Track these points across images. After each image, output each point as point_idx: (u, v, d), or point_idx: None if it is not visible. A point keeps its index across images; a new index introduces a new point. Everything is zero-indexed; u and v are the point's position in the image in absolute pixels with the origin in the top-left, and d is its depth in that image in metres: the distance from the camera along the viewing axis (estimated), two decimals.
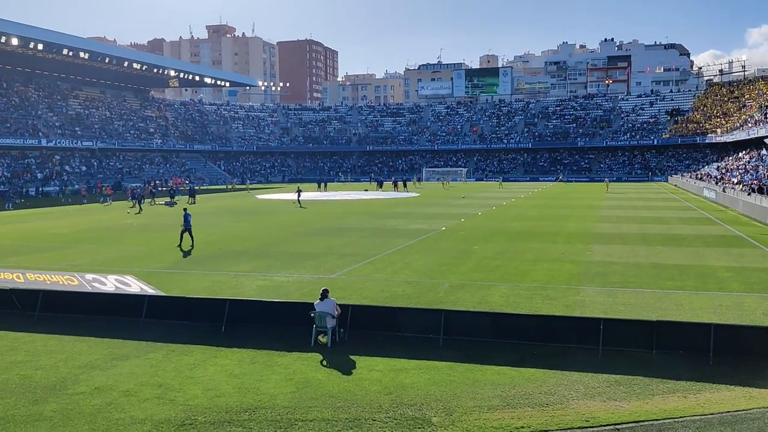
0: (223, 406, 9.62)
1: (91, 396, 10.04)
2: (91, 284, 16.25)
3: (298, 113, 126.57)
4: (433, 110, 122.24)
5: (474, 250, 24.70)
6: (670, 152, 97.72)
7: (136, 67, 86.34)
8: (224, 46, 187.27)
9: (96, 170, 78.50)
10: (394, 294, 17.00)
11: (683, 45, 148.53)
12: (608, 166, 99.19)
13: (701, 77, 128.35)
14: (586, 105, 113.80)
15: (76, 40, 75.25)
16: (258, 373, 11.11)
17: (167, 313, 14.47)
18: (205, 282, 18.83)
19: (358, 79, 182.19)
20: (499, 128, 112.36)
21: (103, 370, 11.27)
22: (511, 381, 10.68)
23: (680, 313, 14.81)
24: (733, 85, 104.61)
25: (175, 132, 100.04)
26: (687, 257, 22.88)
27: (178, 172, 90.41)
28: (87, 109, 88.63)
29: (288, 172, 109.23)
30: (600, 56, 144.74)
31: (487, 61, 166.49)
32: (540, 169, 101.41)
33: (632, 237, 28.54)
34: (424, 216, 39.18)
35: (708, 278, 19.02)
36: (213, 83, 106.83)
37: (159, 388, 10.36)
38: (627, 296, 16.62)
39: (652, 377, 10.78)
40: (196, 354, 12.16)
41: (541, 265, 21.28)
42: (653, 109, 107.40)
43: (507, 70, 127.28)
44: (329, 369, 11.31)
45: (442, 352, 12.13)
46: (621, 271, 20.11)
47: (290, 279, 19.29)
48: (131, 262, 22.35)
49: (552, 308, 15.24)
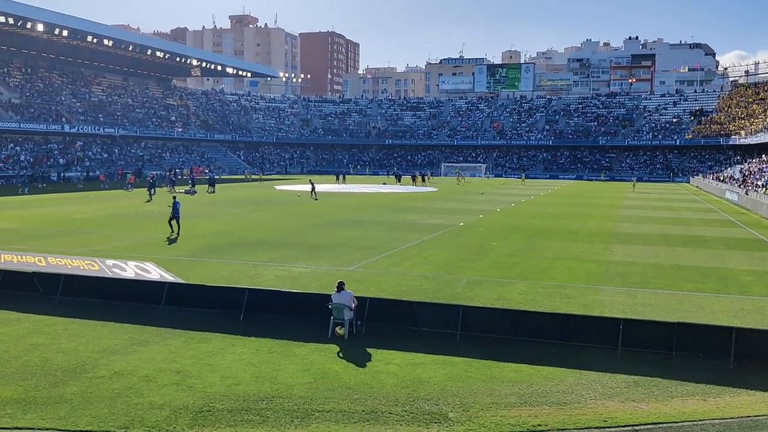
0: (241, 394, 9.67)
1: (111, 380, 10.14)
2: (111, 270, 16.43)
3: (318, 105, 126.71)
4: (454, 105, 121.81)
5: (492, 247, 24.61)
6: (693, 153, 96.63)
7: (159, 56, 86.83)
8: (246, 37, 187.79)
9: (117, 157, 79.14)
10: (411, 288, 16.99)
11: (708, 45, 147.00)
12: (629, 165, 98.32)
13: (726, 78, 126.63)
14: (609, 103, 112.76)
15: (101, 27, 75.81)
16: (275, 362, 11.16)
17: (186, 300, 14.57)
18: (223, 271, 18.93)
19: (379, 72, 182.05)
20: (519, 124, 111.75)
21: (122, 355, 11.38)
22: (529, 379, 10.63)
23: (700, 315, 14.66)
24: (758, 86, 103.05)
25: (196, 121, 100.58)
26: (708, 259, 22.63)
27: (199, 161, 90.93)
28: (110, 96, 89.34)
29: (307, 163, 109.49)
30: (624, 54, 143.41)
31: (509, 57, 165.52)
32: (560, 167, 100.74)
33: (653, 237, 28.28)
34: (442, 211, 39.10)
35: (729, 281, 18.81)
36: (235, 73, 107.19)
37: (177, 375, 10.44)
38: (647, 297, 16.48)
39: (671, 379, 10.69)
40: (215, 342, 12.24)
41: (561, 264, 21.16)
42: (677, 109, 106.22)
43: (529, 66, 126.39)
44: (346, 361, 11.34)
45: (459, 348, 12.11)
46: (641, 272, 19.94)
47: (308, 270, 19.34)
48: (151, 249, 22.52)
49: (571, 307, 15.15)
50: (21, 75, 79.57)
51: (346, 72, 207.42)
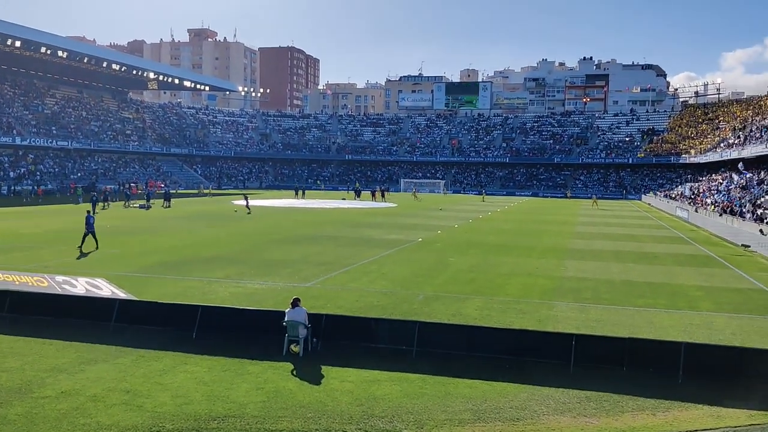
0: (192, 414, 9.49)
1: (57, 400, 9.85)
2: (61, 286, 15.99)
3: (277, 120, 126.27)
4: (413, 122, 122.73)
5: (450, 263, 24.76)
6: (645, 171, 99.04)
7: (115, 68, 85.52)
8: (205, 50, 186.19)
9: (70, 171, 77.45)
10: (368, 304, 16.96)
11: (660, 66, 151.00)
12: (583, 183, 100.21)
13: (677, 98, 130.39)
14: (564, 122, 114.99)
15: (55, 38, 74.38)
16: (228, 381, 10.99)
17: (138, 317, 14.26)
18: (177, 287, 18.62)
19: (339, 87, 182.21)
20: (477, 142, 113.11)
21: (70, 374, 11.07)
22: (483, 395, 10.69)
23: (651, 330, 14.96)
24: (707, 107, 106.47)
25: (152, 134, 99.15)
26: (659, 275, 23.15)
27: (154, 175, 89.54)
28: (63, 108, 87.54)
29: (265, 178, 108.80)
30: (578, 74, 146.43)
31: (467, 75, 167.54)
32: (516, 184, 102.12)
33: (605, 254, 28.82)
34: (401, 227, 39.21)
35: (679, 297, 19.25)
36: (192, 87, 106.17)
37: (127, 394, 10.20)
38: (599, 312, 16.76)
39: (622, 394, 10.86)
40: (166, 360, 12.01)
41: (516, 279, 21.40)
42: (629, 128, 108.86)
43: (487, 84, 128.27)
44: (300, 379, 11.23)
45: (415, 364, 12.11)
46: (594, 288, 20.28)
47: (264, 287, 19.16)
48: (103, 265, 22.04)
49: (525, 323, 15.30)
50: None
51: (306, 87, 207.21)
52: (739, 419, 10.00)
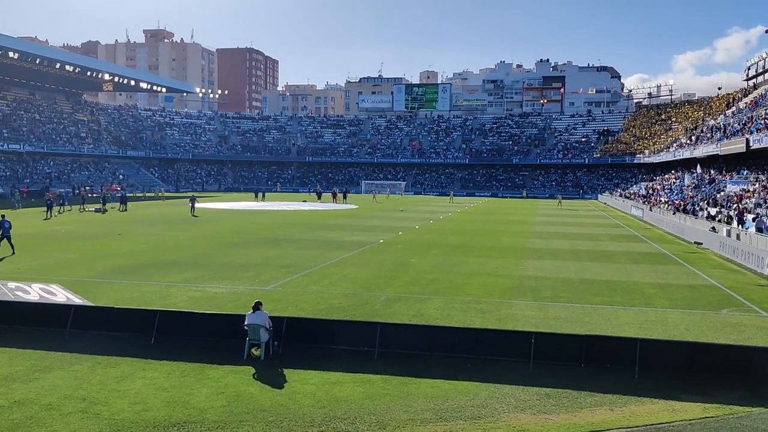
0: (151, 421, 9.35)
1: (10, 410, 9.60)
2: (13, 293, 15.60)
3: (236, 121, 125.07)
4: (374, 123, 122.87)
5: (411, 263, 24.86)
6: (601, 171, 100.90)
7: (69, 69, 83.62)
8: (162, 51, 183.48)
9: (22, 174, 75.51)
10: (330, 306, 16.93)
11: (615, 68, 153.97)
12: (541, 183, 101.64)
13: (631, 99, 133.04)
14: (522, 123, 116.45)
15: (6, 39, 72.27)
16: (188, 386, 10.86)
17: (94, 323, 13.98)
18: (134, 292, 18.31)
19: (299, 89, 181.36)
20: (437, 143, 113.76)
21: (23, 383, 10.80)
22: (444, 394, 10.76)
23: (608, 327, 15.25)
24: (660, 108, 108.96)
25: (107, 137, 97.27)
26: (615, 273, 23.60)
27: (110, 178, 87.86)
28: (15, 110, 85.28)
29: (224, 180, 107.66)
30: (536, 76, 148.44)
31: (427, 77, 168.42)
32: (476, 185, 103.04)
33: (563, 253, 29.27)
34: (362, 228, 39.22)
35: (634, 294, 19.66)
36: (149, 88, 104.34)
37: (83, 402, 10.00)
38: (557, 311, 17.02)
39: (580, 390, 11.05)
40: (124, 366, 11.80)
41: (476, 279, 21.59)
42: (585, 129, 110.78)
43: (446, 86, 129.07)
44: (262, 382, 11.15)
45: (377, 365, 12.13)
46: (552, 286, 20.59)
47: (224, 290, 18.97)
48: (58, 271, 21.55)
49: (485, 322, 15.46)
50: None
51: (264, 88, 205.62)
52: (694, 412, 10.26)
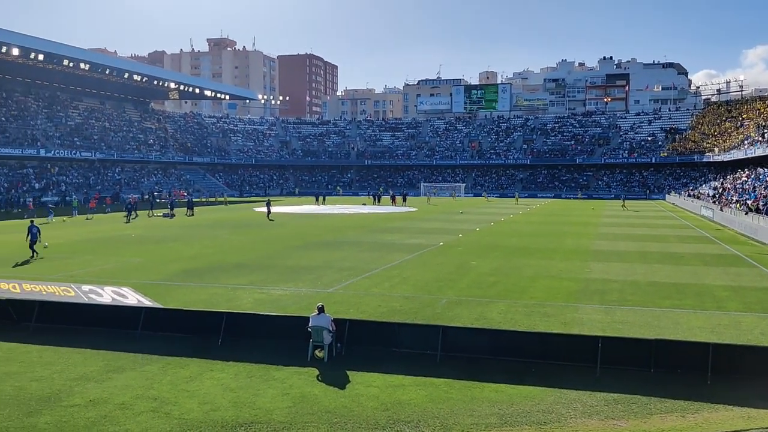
0: (219, 421, 9.55)
1: (86, 408, 9.97)
2: (87, 295, 16.18)
3: (297, 127, 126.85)
4: (432, 125, 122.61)
5: (472, 266, 24.67)
6: (668, 170, 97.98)
7: (137, 79, 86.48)
8: (225, 59, 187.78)
9: (94, 181, 78.43)
10: (391, 309, 16.95)
11: (681, 64, 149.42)
12: (606, 183, 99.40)
13: (699, 96, 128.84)
14: (585, 122, 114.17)
15: (77, 51, 75.38)
16: (254, 387, 11.05)
17: (164, 325, 14.40)
18: (202, 294, 18.77)
19: (358, 93, 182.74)
20: (497, 144, 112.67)
21: (98, 383, 11.20)
22: (509, 399, 10.63)
23: (678, 332, 14.78)
24: (730, 104, 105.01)
25: (174, 144, 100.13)
26: (685, 276, 22.87)
27: (177, 184, 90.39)
28: (86, 120, 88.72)
29: (286, 185, 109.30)
30: (599, 74, 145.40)
31: (486, 78, 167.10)
32: (538, 186, 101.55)
33: (630, 255, 28.53)
34: (421, 231, 39.16)
35: (706, 297, 19.01)
36: (213, 96, 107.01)
37: (154, 402, 10.29)
38: (625, 314, 16.60)
39: (650, 396, 10.74)
40: (192, 367, 12.10)
41: (540, 282, 21.26)
42: (651, 128, 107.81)
43: (506, 86, 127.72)
44: (326, 384, 11.25)
45: (439, 369, 12.07)
46: (619, 289, 20.09)
47: (287, 292, 19.23)
48: (128, 274, 22.28)
49: (550, 325, 15.20)
50: None
51: (324, 94, 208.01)
52: None
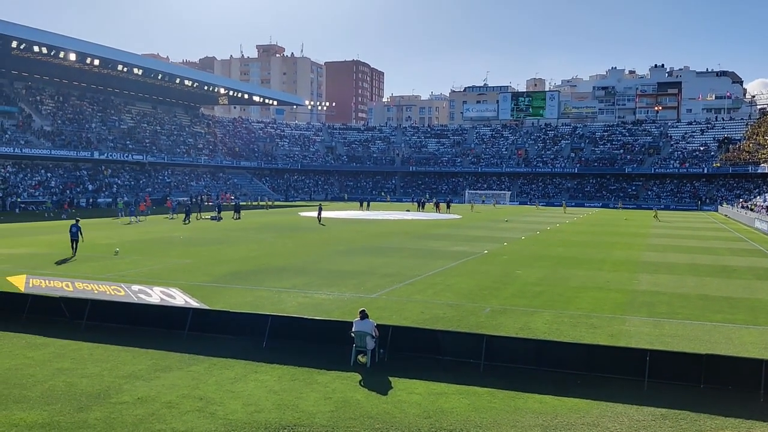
0: (263, 422, 9.64)
1: (134, 406, 10.18)
2: (137, 295, 16.55)
3: (342, 132, 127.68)
4: (478, 132, 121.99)
5: (517, 275, 24.42)
6: (721, 181, 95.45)
7: (188, 84, 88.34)
8: (273, 66, 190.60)
9: (144, 184, 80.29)
10: (434, 316, 16.89)
11: (736, 72, 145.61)
12: (656, 193, 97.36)
13: (754, 105, 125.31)
14: (635, 131, 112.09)
15: (131, 56, 77.41)
16: (297, 390, 11.12)
17: (210, 326, 14.63)
18: (247, 297, 19.01)
19: (404, 100, 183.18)
20: (544, 152, 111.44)
21: (146, 381, 11.43)
22: (554, 410, 10.47)
23: (730, 347, 14.37)
24: None
25: (222, 148, 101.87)
26: (737, 290, 22.22)
27: (225, 187, 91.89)
28: (138, 123, 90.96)
29: (331, 190, 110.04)
30: (649, 82, 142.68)
31: (533, 85, 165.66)
32: (586, 195, 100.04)
33: (680, 267, 27.87)
34: (465, 238, 38.95)
35: (759, 312, 18.43)
36: (261, 102, 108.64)
37: (200, 401, 10.45)
38: (674, 328, 16.21)
39: (699, 412, 10.45)
40: (237, 368, 12.25)
41: (586, 293, 20.92)
42: (704, 137, 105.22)
43: (554, 93, 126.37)
44: (368, 389, 11.26)
45: (482, 378, 11.97)
46: (668, 302, 19.63)
47: (331, 297, 19.34)
48: (176, 275, 22.71)
49: (596, 337, 14.94)
50: (53, 103, 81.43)
51: (370, 100, 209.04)
52: None
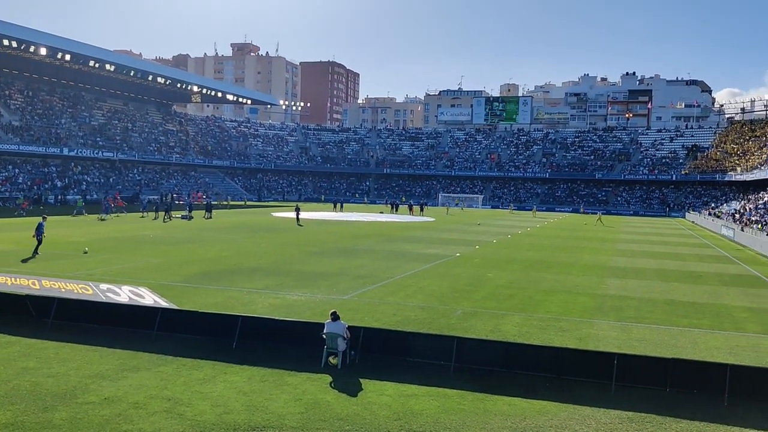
0: (231, 424, 9.58)
1: (101, 406, 10.04)
2: (105, 294, 16.34)
3: (317, 133, 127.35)
4: (452, 136, 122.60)
5: (488, 278, 24.59)
6: (689, 188, 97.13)
7: (160, 81, 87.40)
8: (248, 64, 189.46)
9: (115, 181, 79.23)
10: (406, 318, 16.93)
11: (705, 82, 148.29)
12: (625, 199, 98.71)
13: (722, 114, 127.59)
14: (606, 138, 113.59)
15: (103, 52, 76.38)
16: (267, 391, 11.07)
17: (180, 326, 14.49)
18: (218, 297, 18.87)
19: (379, 102, 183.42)
20: (517, 157, 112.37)
21: (113, 381, 11.28)
22: (522, 413, 10.56)
23: (695, 351, 14.63)
24: (754, 123, 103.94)
25: (194, 147, 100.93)
26: (703, 295, 22.63)
27: (196, 186, 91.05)
28: (109, 120, 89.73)
29: (304, 191, 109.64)
30: (621, 89, 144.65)
31: (507, 90, 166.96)
32: (557, 200, 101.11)
33: (648, 272, 28.30)
34: (438, 241, 39.11)
35: (724, 317, 18.79)
36: (235, 100, 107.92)
37: (168, 402, 10.35)
38: (641, 332, 16.45)
39: (665, 415, 10.62)
40: (207, 369, 12.15)
41: (556, 296, 21.14)
42: (673, 145, 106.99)
43: (527, 99, 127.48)
44: (339, 391, 11.25)
45: (452, 380, 12.03)
46: (636, 306, 19.92)
47: (302, 298, 19.28)
48: (146, 274, 22.46)
49: (565, 340, 15.11)
50: (22, 98, 79.95)
51: (345, 101, 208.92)
52: None
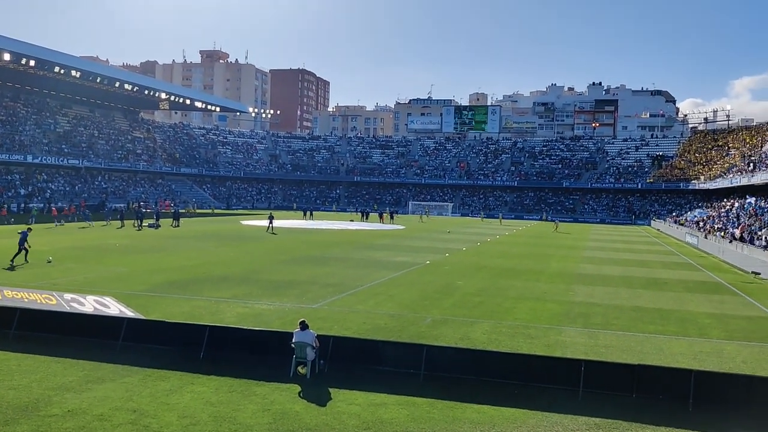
0: None
1: (64, 419, 9.83)
2: (69, 304, 16.01)
3: (287, 141, 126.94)
4: (422, 144, 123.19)
5: (458, 286, 24.68)
6: (654, 197, 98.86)
7: (127, 88, 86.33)
8: (217, 72, 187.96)
9: (81, 189, 77.94)
10: (376, 326, 16.90)
11: (669, 92, 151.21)
12: (592, 207, 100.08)
13: (686, 124, 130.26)
14: (573, 147, 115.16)
15: (68, 58, 75.16)
16: (235, 402, 10.95)
17: (145, 336, 14.24)
18: (185, 307, 18.63)
19: (349, 110, 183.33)
20: (486, 165, 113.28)
21: (77, 393, 11.05)
22: (491, 420, 10.59)
23: (661, 357, 14.83)
24: (717, 133, 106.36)
25: (162, 154, 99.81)
26: (668, 302, 22.99)
27: (163, 194, 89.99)
28: (75, 127, 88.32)
29: (274, 199, 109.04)
30: (587, 99, 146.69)
31: (476, 99, 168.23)
32: (525, 208, 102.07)
33: (615, 279, 28.67)
34: (408, 249, 39.16)
35: (689, 324, 19.10)
36: (203, 107, 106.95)
37: (133, 414, 10.17)
38: (608, 338, 16.64)
39: (631, 421, 10.74)
40: (173, 380, 11.98)
41: (524, 304, 21.29)
42: (638, 154, 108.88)
43: (496, 108, 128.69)
44: (307, 401, 11.17)
45: (422, 388, 12.02)
46: (603, 313, 20.16)
47: (271, 307, 19.13)
48: (111, 283, 22.09)
49: (533, 347, 15.21)
50: None
51: (315, 109, 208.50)
52: None
